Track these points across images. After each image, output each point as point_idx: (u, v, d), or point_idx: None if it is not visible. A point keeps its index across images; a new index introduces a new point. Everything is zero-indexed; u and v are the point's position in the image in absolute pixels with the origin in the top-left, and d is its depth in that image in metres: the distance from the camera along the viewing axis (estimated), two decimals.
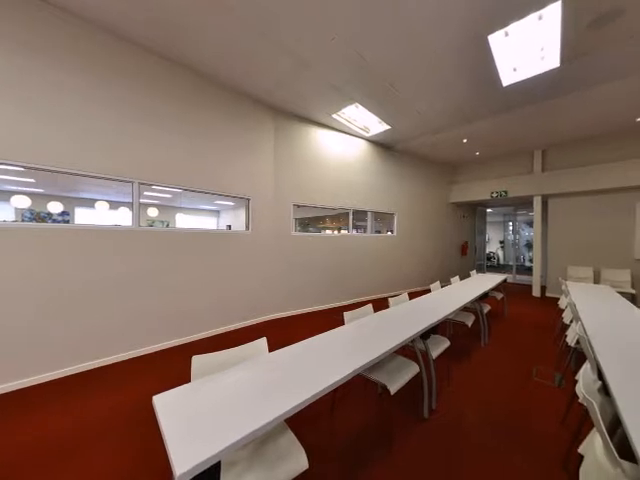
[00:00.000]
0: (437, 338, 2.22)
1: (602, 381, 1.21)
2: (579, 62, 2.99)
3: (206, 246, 3.37)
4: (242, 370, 1.20)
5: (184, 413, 0.91)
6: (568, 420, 1.78)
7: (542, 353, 2.93)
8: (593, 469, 0.92)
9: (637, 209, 4.97)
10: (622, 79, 3.31)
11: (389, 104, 3.98)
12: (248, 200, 3.84)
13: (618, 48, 2.78)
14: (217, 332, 3.46)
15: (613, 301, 2.78)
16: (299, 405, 0.95)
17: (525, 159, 6.15)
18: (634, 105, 3.97)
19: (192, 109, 3.24)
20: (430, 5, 2.27)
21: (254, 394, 1.02)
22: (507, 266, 10.34)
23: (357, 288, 5.26)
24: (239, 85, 3.52)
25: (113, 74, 2.68)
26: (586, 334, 1.71)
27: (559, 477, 1.37)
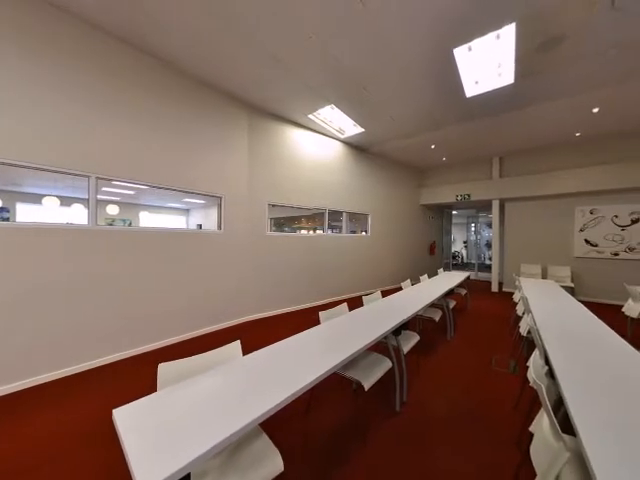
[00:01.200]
0: (408, 334, 2.33)
1: (548, 366, 1.36)
2: (530, 80, 3.32)
3: (174, 246, 3.18)
4: (214, 376, 1.15)
5: (149, 425, 0.85)
6: (521, 403, 1.97)
7: (500, 343, 3.21)
8: (541, 445, 1.03)
9: (576, 213, 5.66)
10: (565, 98, 3.75)
11: (363, 107, 4.08)
12: (220, 198, 3.70)
13: (562, 70, 3.14)
14: (187, 337, 3.28)
15: (557, 294, 3.13)
16: (274, 408, 0.94)
17: (486, 165, 6.68)
18: (575, 121, 4.51)
19: (160, 101, 3.04)
20: (401, 17, 2.37)
21: (226, 400, 0.98)
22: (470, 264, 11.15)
23: (333, 287, 5.32)
24: (211, 79, 3.38)
25: (66, 56, 2.42)
26: (536, 324, 1.91)
27: (513, 455, 1.51)
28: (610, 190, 5.16)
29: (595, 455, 0.75)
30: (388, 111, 4.18)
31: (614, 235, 5.28)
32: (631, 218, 5.12)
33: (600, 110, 4.06)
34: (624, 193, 5.12)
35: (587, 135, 5.09)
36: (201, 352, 1.27)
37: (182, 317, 3.24)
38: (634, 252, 5.09)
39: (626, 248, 5.16)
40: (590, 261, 5.50)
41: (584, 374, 1.22)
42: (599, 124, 4.59)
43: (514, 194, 6.18)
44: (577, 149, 5.48)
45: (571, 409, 0.96)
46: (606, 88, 3.48)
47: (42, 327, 2.30)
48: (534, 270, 6.01)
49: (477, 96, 3.63)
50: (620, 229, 5.22)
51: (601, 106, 3.95)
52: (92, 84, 2.57)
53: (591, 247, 5.50)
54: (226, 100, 3.71)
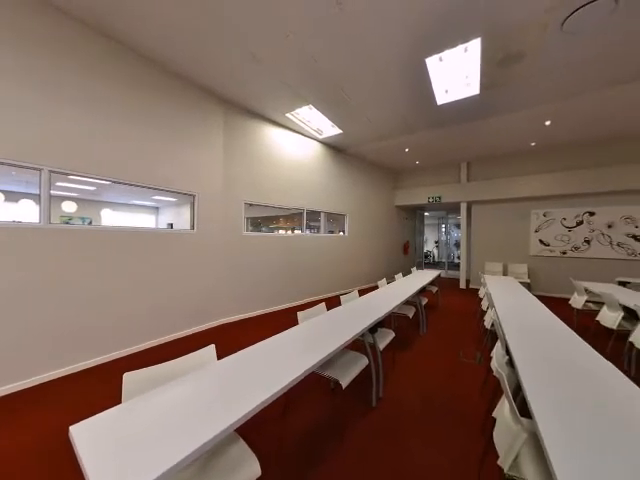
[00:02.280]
0: (384, 331, 2.40)
1: (509, 356, 1.48)
2: (493, 92, 3.59)
3: (142, 247, 2.98)
4: (185, 383, 1.10)
5: (112, 441, 0.79)
6: (485, 391, 2.12)
7: (467, 336, 3.42)
8: (502, 429, 1.12)
9: (531, 216, 6.23)
10: (522, 110, 4.10)
11: (341, 109, 4.13)
12: (193, 197, 3.54)
13: (520, 85, 3.43)
14: (157, 343, 3.09)
15: (516, 290, 3.42)
16: (249, 413, 0.91)
17: (455, 170, 7.10)
18: (530, 132, 4.95)
19: (128, 91, 2.83)
20: (376, 23, 2.43)
21: (198, 407, 0.94)
22: (441, 263, 11.79)
23: (311, 288, 5.32)
24: (185, 72, 3.21)
25: (15, 36, 2.16)
26: (498, 318, 2.06)
27: (478, 440, 1.63)
28: (559, 195, 5.75)
29: (548, 434, 0.83)
30: (365, 113, 4.28)
31: (562, 236, 5.89)
32: (576, 220, 5.75)
33: (552, 123, 4.50)
34: (571, 198, 5.74)
35: (541, 145, 5.62)
36: (172, 358, 1.21)
37: (151, 322, 3.05)
38: (579, 251, 5.72)
39: (572, 247, 5.78)
40: (543, 259, 6.09)
41: (538, 361, 1.35)
42: (551, 135, 5.09)
43: (479, 197, 6.65)
44: (533, 157, 6.04)
45: (527, 394, 1.05)
46: (557, 103, 3.87)
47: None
48: (496, 268, 6.51)
49: (447, 104, 3.84)
50: (567, 230, 5.84)
51: (553, 119, 4.38)
52: (45, 67, 2.32)
53: (544, 246, 6.08)
54: (201, 95, 3.55)
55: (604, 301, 3.00)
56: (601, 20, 2.35)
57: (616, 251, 5.36)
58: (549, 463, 0.74)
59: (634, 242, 5.21)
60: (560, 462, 0.73)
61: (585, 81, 3.35)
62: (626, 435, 0.84)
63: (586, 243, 5.64)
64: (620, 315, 2.74)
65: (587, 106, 3.94)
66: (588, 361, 1.36)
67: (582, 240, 5.68)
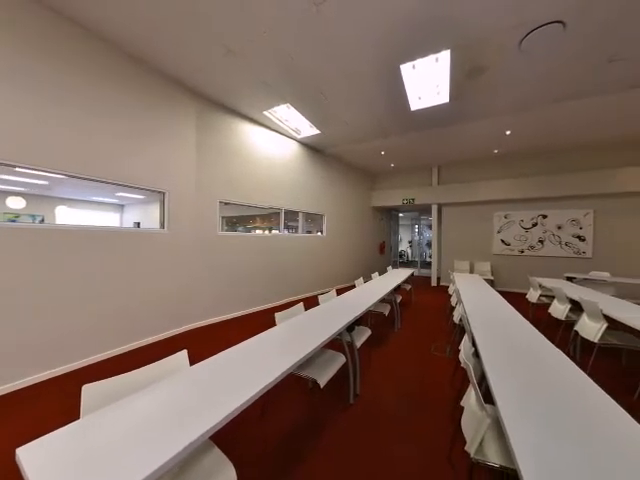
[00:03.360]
0: (360, 329, 2.45)
1: (475, 347, 1.59)
2: (461, 101, 3.83)
3: (104, 247, 2.76)
4: (153, 392, 1.03)
5: (69, 462, 0.72)
6: (455, 381, 2.26)
7: (438, 331, 3.62)
8: (469, 416, 1.20)
9: (494, 217, 6.74)
10: (486, 120, 4.43)
11: (319, 110, 4.15)
12: (163, 194, 3.34)
13: (483, 96, 3.70)
14: (123, 350, 2.87)
15: (481, 286, 3.68)
16: (224, 419, 0.88)
17: (427, 173, 7.46)
18: (493, 140, 5.36)
19: (88, 78, 2.60)
20: (353, 27, 2.48)
21: (169, 418, 0.89)
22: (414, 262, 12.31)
23: (289, 288, 5.28)
24: (153, 61, 3.02)
25: None
26: (466, 313, 2.21)
27: (448, 428, 1.73)
28: (518, 199, 6.29)
29: (508, 418, 0.91)
30: (342, 116, 4.34)
31: (520, 236, 6.45)
32: (532, 222, 6.34)
33: (512, 132, 4.91)
34: (527, 202, 6.30)
35: (503, 152, 6.11)
36: (139, 367, 1.13)
37: (115, 328, 2.82)
38: (534, 250, 6.30)
39: (529, 246, 6.36)
40: (505, 257, 6.62)
41: (500, 352, 1.46)
42: (511, 144, 5.55)
43: (449, 199, 7.05)
44: (495, 164, 6.54)
45: (491, 382, 1.14)
46: (515, 114, 4.22)
47: None
48: (464, 266, 6.95)
49: (420, 110, 4.03)
50: (525, 231, 6.41)
51: (512, 129, 4.78)
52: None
53: (505, 246, 6.62)
54: (170, 87, 3.36)
55: (554, 295, 3.34)
56: (551, 42, 2.62)
57: (564, 250, 5.99)
58: (509, 444, 0.80)
59: (579, 242, 5.86)
60: (518, 442, 0.80)
61: (538, 96, 3.70)
62: (572, 414, 0.94)
63: (540, 243, 6.23)
64: (567, 307, 3.06)
65: (540, 119, 4.36)
66: (542, 349, 1.51)
67: (537, 240, 6.27)
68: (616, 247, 5.53)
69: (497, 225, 6.71)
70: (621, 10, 2.25)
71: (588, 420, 0.91)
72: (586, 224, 5.79)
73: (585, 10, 2.25)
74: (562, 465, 0.73)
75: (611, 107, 3.92)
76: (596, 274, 4.68)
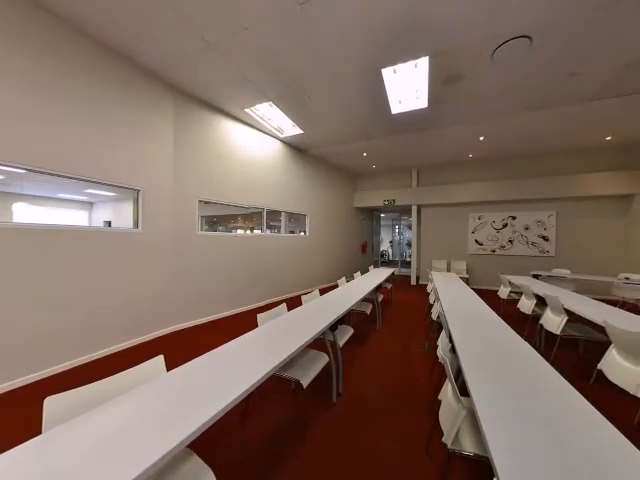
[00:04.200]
0: (343, 328, 2.48)
1: (451, 343, 1.66)
2: (439, 107, 3.98)
3: (71, 248, 2.56)
4: (127, 401, 0.98)
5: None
6: (433, 376, 2.35)
7: (417, 328, 3.74)
8: (446, 409, 1.25)
9: (469, 218, 7.09)
10: (461, 126, 4.64)
11: (302, 110, 4.14)
12: (137, 192, 3.17)
13: (459, 103, 3.88)
14: (92, 358, 2.69)
15: (457, 284, 3.85)
16: (203, 425, 0.86)
17: (407, 175, 7.69)
18: (468, 145, 5.64)
19: (53, 65, 2.40)
20: (336, 28, 2.50)
21: (143, 427, 0.85)
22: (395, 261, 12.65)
23: (272, 288, 5.22)
24: (126, 50, 2.85)
25: None
26: (443, 310, 2.30)
27: (425, 421, 1.79)
28: (490, 201, 6.66)
29: (482, 409, 0.96)
30: (325, 116, 4.36)
31: (492, 236, 6.84)
32: (502, 223, 6.74)
33: (485, 138, 5.19)
34: (499, 204, 6.70)
35: (477, 157, 6.44)
36: (111, 375, 1.07)
37: (84, 334, 2.64)
38: (504, 249, 6.71)
39: (499, 246, 6.75)
40: (478, 256, 6.99)
41: (475, 346, 1.54)
42: (484, 149, 5.87)
43: (427, 201, 7.32)
44: (470, 167, 6.88)
45: (466, 375, 1.20)
46: (488, 121, 4.47)
47: None
48: (442, 265, 7.25)
49: (400, 114, 4.14)
50: (496, 231, 6.80)
51: (485, 135, 5.05)
52: None
53: (479, 245, 6.98)
54: (145, 78, 3.19)
55: (522, 291, 3.58)
56: (520, 55, 2.80)
57: (531, 249, 6.44)
58: (482, 433, 0.85)
59: (543, 242, 6.32)
60: (490, 431, 0.85)
61: (508, 105, 3.94)
62: (538, 402, 1.02)
63: (510, 243, 6.65)
64: (533, 302, 3.29)
65: (510, 126, 4.64)
66: (512, 342, 1.61)
67: (507, 240, 6.68)
68: (575, 246, 6.03)
69: (472, 226, 7.07)
70: (579, 30, 2.46)
71: (552, 406, 0.98)
72: (550, 225, 6.26)
73: (549, 28, 2.44)
74: (529, 449, 0.78)
75: (572, 118, 4.26)
76: (558, 271, 5.07)
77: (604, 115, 4.16)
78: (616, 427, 0.86)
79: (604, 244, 5.80)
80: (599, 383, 1.88)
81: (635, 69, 3.02)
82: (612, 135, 5.01)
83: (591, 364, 1.91)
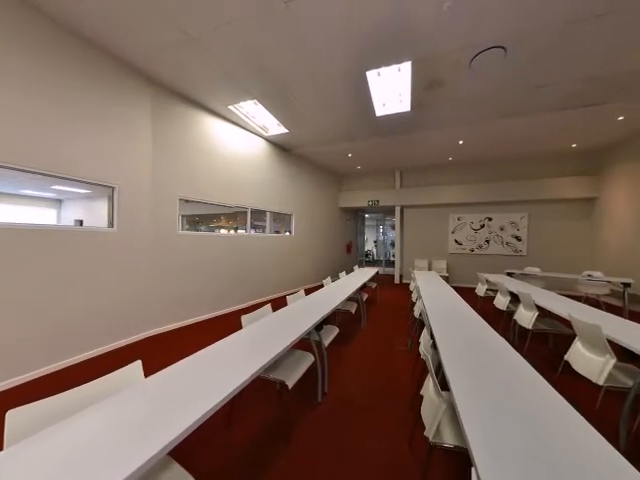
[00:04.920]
0: (329, 327, 2.49)
1: (433, 339, 1.72)
2: (421, 111, 4.10)
3: (37, 248, 2.39)
4: (101, 410, 0.93)
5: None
6: (415, 373, 2.41)
7: (401, 326, 3.83)
8: (428, 403, 1.29)
9: (449, 219, 7.37)
10: (442, 130, 4.81)
11: (288, 109, 4.11)
12: (113, 189, 3.01)
13: (440, 108, 4.02)
14: (62, 366, 2.51)
15: (438, 282, 3.99)
16: (184, 432, 0.83)
17: (391, 176, 7.86)
18: (448, 149, 5.85)
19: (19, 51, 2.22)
20: (322, 29, 2.50)
21: (119, 437, 0.81)
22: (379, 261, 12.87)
23: (257, 289, 5.14)
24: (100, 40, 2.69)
25: None
26: (425, 307, 2.37)
27: (409, 417, 1.84)
28: (469, 203, 6.96)
29: (461, 402, 1.00)
30: (310, 116, 4.35)
31: (471, 236, 7.15)
32: (480, 224, 7.06)
33: (464, 143, 5.42)
34: (477, 205, 7.01)
35: (456, 160, 6.70)
36: (83, 383, 1.00)
37: (54, 341, 2.46)
38: (482, 249, 7.03)
39: (477, 246, 7.07)
40: (458, 256, 7.27)
41: (454, 342, 1.60)
42: (463, 153, 6.12)
43: (410, 202, 7.52)
44: (450, 170, 7.15)
45: (446, 370, 1.24)
46: (466, 126, 4.66)
47: None
48: (423, 264, 7.48)
49: (384, 116, 4.22)
50: (474, 232, 7.12)
51: (464, 139, 5.27)
52: None
53: (458, 245, 7.27)
54: (122, 70, 3.04)
55: (498, 289, 3.77)
56: (495, 64, 2.94)
57: (505, 249, 6.79)
58: (461, 426, 0.89)
59: (516, 242, 6.69)
60: (469, 423, 0.88)
61: (485, 111, 4.14)
62: (512, 394, 1.07)
63: (486, 242, 6.98)
64: (508, 299, 3.48)
65: (487, 132, 4.88)
66: (488, 338, 1.69)
67: (484, 240, 7.00)
68: (545, 246, 6.44)
69: (452, 226, 7.35)
70: (547, 44, 2.63)
71: (525, 398, 1.04)
72: (522, 226, 6.64)
73: (521, 39, 2.58)
74: (505, 439, 0.82)
75: (541, 126, 4.55)
76: (529, 270, 5.39)
77: (569, 124, 4.48)
78: (581, 413, 0.93)
79: (570, 244, 6.24)
80: (566, 373, 2.01)
81: (595, 82, 3.27)
82: (577, 143, 5.40)
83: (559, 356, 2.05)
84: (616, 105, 3.82)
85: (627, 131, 4.71)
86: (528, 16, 2.32)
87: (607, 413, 1.76)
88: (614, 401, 1.83)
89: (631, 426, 1.49)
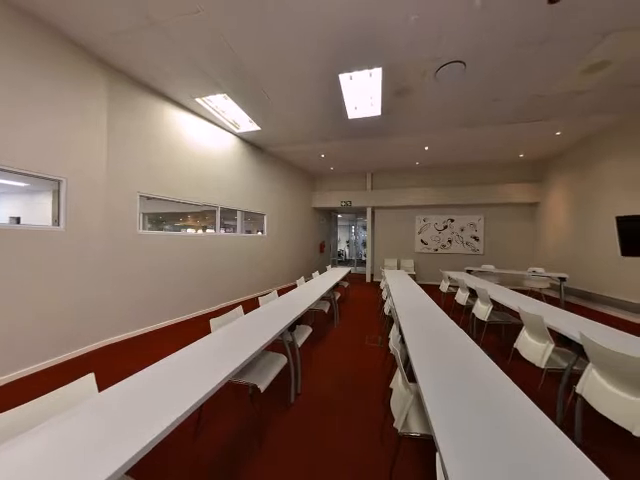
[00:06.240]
0: (301, 327, 2.49)
1: (401, 335, 1.80)
2: (390, 116, 4.28)
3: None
4: (44, 431, 0.82)
5: None
6: (385, 367, 2.51)
7: (372, 323, 3.96)
8: (397, 395, 1.35)
9: (416, 220, 7.80)
10: (410, 135, 5.07)
11: (260, 106, 4.02)
12: (59, 182, 2.69)
13: (408, 114, 4.23)
14: (1, 382, 2.18)
15: (406, 280, 4.20)
16: (144, 449, 0.77)
17: (363, 178, 8.08)
18: (415, 154, 6.19)
19: None
20: (294, 28, 2.49)
21: (65, 460, 0.72)
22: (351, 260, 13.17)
23: (227, 291, 4.94)
24: (46, 16, 2.38)
25: None
26: (394, 304, 2.48)
27: (380, 410, 1.91)
28: (433, 205, 7.42)
29: (427, 392, 1.06)
30: (283, 115, 4.31)
31: (435, 236, 7.64)
32: (443, 225, 7.58)
33: (429, 148, 5.77)
34: (440, 208, 7.51)
35: (423, 165, 7.12)
36: (25, 401, 0.88)
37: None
38: (445, 248, 7.55)
39: (441, 245, 7.58)
40: (424, 255, 7.73)
41: (421, 336, 1.70)
42: (429, 158, 6.51)
43: (381, 203, 7.81)
44: (417, 174, 7.56)
45: (413, 363, 1.31)
46: (431, 133, 4.98)
47: None
48: (393, 263, 7.81)
49: (356, 119, 4.33)
50: (438, 232, 7.62)
51: (429, 146, 5.61)
52: None
53: (424, 245, 7.72)
54: (76, 52, 2.72)
55: (459, 285, 4.07)
56: (457, 77, 3.18)
57: (465, 248, 7.38)
58: (427, 414, 0.94)
59: (474, 241, 7.30)
60: (433, 411, 0.95)
61: (448, 120, 4.45)
62: (471, 381, 1.17)
63: (449, 242, 7.51)
64: (467, 295, 3.78)
65: (448, 140, 5.25)
66: (450, 331, 1.82)
67: (447, 240, 7.53)
68: (498, 245, 7.12)
69: (418, 227, 7.78)
70: (501, 62, 2.91)
71: (482, 384, 1.14)
72: (479, 227, 7.28)
73: (479, 55, 2.82)
74: (466, 423, 0.89)
75: (495, 137, 5.02)
76: (485, 267, 5.91)
77: (517, 136, 5.02)
78: (527, 394, 1.05)
79: (518, 243, 6.97)
80: (515, 360, 2.25)
81: (539, 100, 3.70)
82: (524, 153, 6.06)
83: (510, 345, 2.28)
84: (555, 121, 4.36)
85: (563, 145, 5.40)
86: (484, 36, 2.54)
87: (548, 392, 1.99)
88: (554, 382, 2.08)
89: (565, 402, 1.72)
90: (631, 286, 4.10)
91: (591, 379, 1.45)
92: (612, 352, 1.30)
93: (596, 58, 2.80)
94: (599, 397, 1.37)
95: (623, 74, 3.06)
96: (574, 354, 1.72)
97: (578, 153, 5.30)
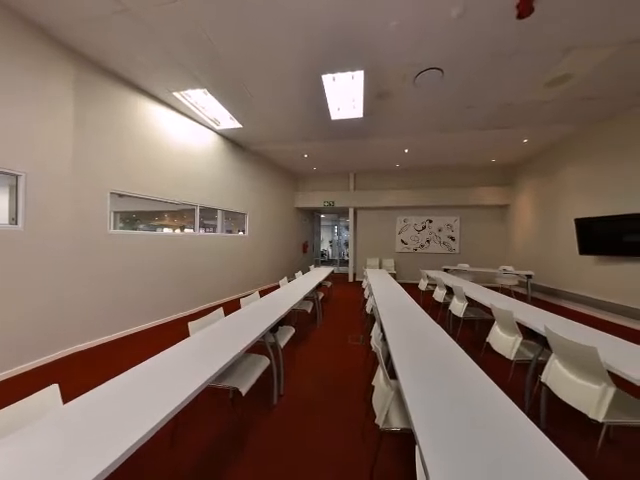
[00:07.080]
0: (284, 328, 2.47)
1: (382, 332, 1.84)
2: (372, 118, 4.37)
3: None
4: (5, 446, 0.75)
5: None
6: (367, 366, 2.55)
7: (354, 322, 4.01)
8: (378, 392, 1.38)
9: (397, 221, 8.01)
10: (391, 138, 5.20)
11: (241, 104, 3.93)
12: (17, 177, 2.46)
13: (389, 117, 4.34)
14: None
15: (387, 279, 4.30)
16: (115, 462, 0.72)
17: (345, 179, 8.17)
18: (395, 156, 6.36)
19: None
20: (276, 26, 2.47)
21: (26, 479, 0.67)
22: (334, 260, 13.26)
23: (207, 293, 4.79)
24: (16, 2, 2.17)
25: None
26: (375, 303, 2.53)
27: (361, 407, 1.94)
28: (412, 206, 7.67)
29: (406, 387, 1.10)
30: (265, 113, 4.24)
31: (414, 237, 7.90)
32: (422, 225, 7.86)
33: (409, 151, 5.95)
34: (419, 209, 7.77)
35: (403, 167, 7.33)
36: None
37: None
38: (423, 248, 7.83)
39: (420, 245, 7.85)
40: (404, 254, 7.96)
41: (401, 333, 1.75)
42: (408, 161, 6.71)
43: (363, 204, 7.94)
44: (398, 176, 7.77)
45: (394, 360, 1.35)
46: (411, 136, 5.14)
47: None
48: (374, 262, 7.97)
49: (339, 120, 4.37)
50: (417, 233, 7.88)
51: (409, 148, 5.79)
52: None
53: (404, 245, 7.96)
54: (40, 37, 2.50)
55: (437, 283, 4.24)
56: (435, 83, 3.31)
57: (442, 248, 7.69)
58: (406, 409, 0.97)
59: (451, 241, 7.64)
60: (413, 406, 0.98)
61: (426, 125, 4.61)
62: (448, 375, 1.22)
63: (427, 242, 7.80)
64: (444, 292, 3.94)
65: (428, 143, 5.45)
66: (429, 327, 1.89)
67: (425, 240, 7.81)
68: (472, 245, 7.50)
69: (398, 227, 8.01)
70: (477, 70, 3.07)
71: (458, 378, 1.20)
72: (455, 228, 7.62)
73: (455, 64, 2.96)
74: (443, 416, 0.93)
75: (469, 142, 5.28)
76: (461, 266, 6.20)
77: (489, 142, 5.31)
78: (498, 384, 1.11)
79: (491, 243, 7.39)
80: (488, 353, 2.38)
81: (508, 108, 3.94)
82: (495, 158, 6.43)
83: (483, 339, 2.41)
84: (522, 129, 4.67)
85: (531, 151, 5.79)
86: (460, 45, 2.67)
87: (517, 382, 2.13)
88: (522, 372, 2.23)
89: (532, 390, 1.85)
90: (589, 283, 4.49)
91: (554, 368, 1.57)
92: (571, 342, 1.41)
93: (559, 71, 3.04)
94: (561, 385, 1.49)
95: (580, 87, 3.34)
96: (539, 346, 1.85)
97: (544, 159, 5.72)
